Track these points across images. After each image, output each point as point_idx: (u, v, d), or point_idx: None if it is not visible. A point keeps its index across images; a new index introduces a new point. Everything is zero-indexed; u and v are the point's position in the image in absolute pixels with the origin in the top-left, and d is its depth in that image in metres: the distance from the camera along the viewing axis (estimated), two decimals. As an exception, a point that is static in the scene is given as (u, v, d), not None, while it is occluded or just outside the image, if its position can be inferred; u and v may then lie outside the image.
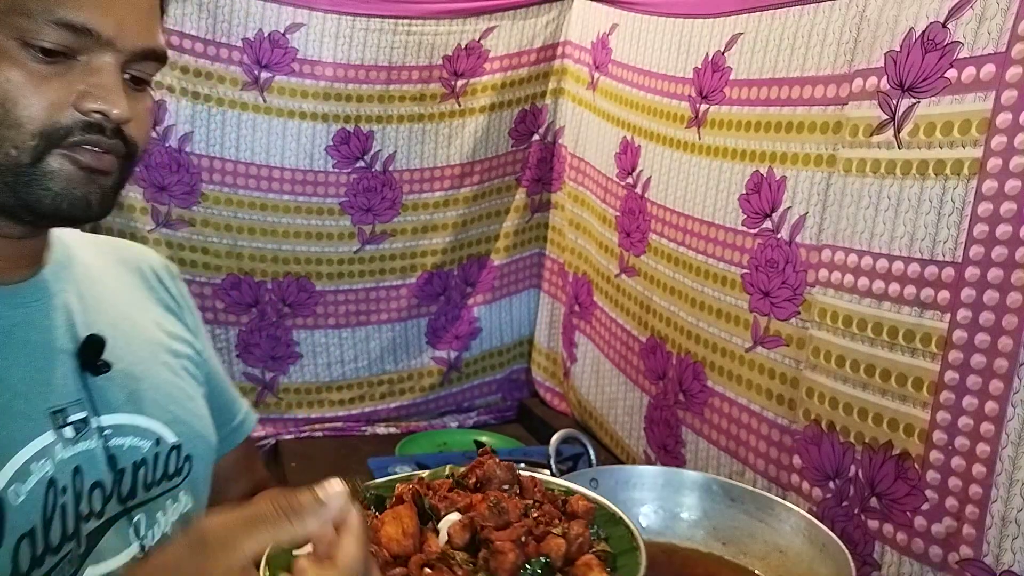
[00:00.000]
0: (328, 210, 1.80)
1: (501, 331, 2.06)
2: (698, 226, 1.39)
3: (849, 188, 1.07)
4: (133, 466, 0.75)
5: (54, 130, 0.65)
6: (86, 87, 0.66)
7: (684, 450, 1.43)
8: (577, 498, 0.73)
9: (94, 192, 0.68)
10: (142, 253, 0.92)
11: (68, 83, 0.65)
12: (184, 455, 0.81)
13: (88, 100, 0.65)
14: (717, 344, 1.34)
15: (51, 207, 0.66)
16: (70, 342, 0.73)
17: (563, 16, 1.88)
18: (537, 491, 0.74)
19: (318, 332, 1.87)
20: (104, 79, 0.66)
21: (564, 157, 1.93)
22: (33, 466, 0.67)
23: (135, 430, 0.76)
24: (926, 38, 0.96)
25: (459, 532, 0.66)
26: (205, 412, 0.87)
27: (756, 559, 0.98)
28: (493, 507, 0.67)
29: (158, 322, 0.86)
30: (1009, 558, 0.88)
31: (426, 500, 0.69)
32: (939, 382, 0.94)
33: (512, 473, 0.74)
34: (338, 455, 1.74)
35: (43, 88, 0.64)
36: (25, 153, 0.65)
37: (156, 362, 0.82)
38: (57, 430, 0.69)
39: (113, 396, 0.75)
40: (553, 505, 0.72)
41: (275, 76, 1.69)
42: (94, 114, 0.66)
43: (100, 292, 0.80)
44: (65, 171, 0.66)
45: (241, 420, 0.99)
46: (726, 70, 1.32)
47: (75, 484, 0.70)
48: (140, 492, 0.76)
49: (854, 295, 1.05)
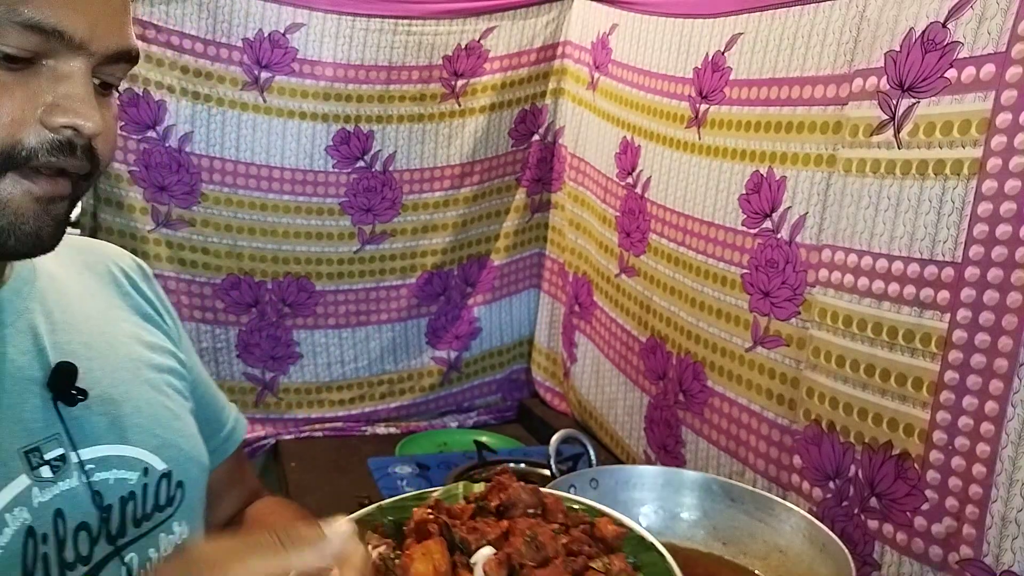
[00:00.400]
0: (328, 210, 1.80)
1: (501, 331, 2.06)
2: (698, 226, 1.39)
3: (849, 188, 1.07)
4: (120, 501, 0.69)
5: (15, 152, 0.56)
6: (54, 98, 0.57)
7: (684, 450, 1.43)
8: (605, 521, 0.68)
9: (46, 225, 0.60)
10: (109, 254, 0.83)
11: (33, 94, 0.57)
12: (175, 482, 0.74)
13: (57, 114, 0.57)
14: (717, 344, 1.34)
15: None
16: (39, 370, 0.66)
17: (563, 16, 1.88)
18: (560, 512, 0.69)
19: (318, 332, 1.87)
20: (74, 88, 0.58)
21: (564, 157, 1.93)
22: (7, 516, 0.60)
23: (120, 461, 0.69)
24: (926, 38, 0.96)
25: (495, 569, 0.61)
26: (194, 430, 0.80)
27: (756, 559, 0.98)
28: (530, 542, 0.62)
29: (135, 334, 0.78)
30: (1009, 558, 0.88)
31: (456, 533, 0.64)
32: (939, 382, 0.94)
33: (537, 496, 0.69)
34: (338, 455, 1.74)
35: (5, 101, 0.55)
36: None
37: (137, 381, 0.75)
38: (32, 471, 0.62)
39: (92, 427, 0.68)
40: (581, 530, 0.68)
41: (275, 76, 1.69)
42: (64, 130, 0.57)
43: (68, 307, 0.72)
44: (15, 200, 0.57)
45: (231, 428, 0.92)
46: (726, 70, 1.33)
47: (57, 530, 0.63)
48: (130, 529, 0.69)
49: (854, 295, 1.05)
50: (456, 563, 0.62)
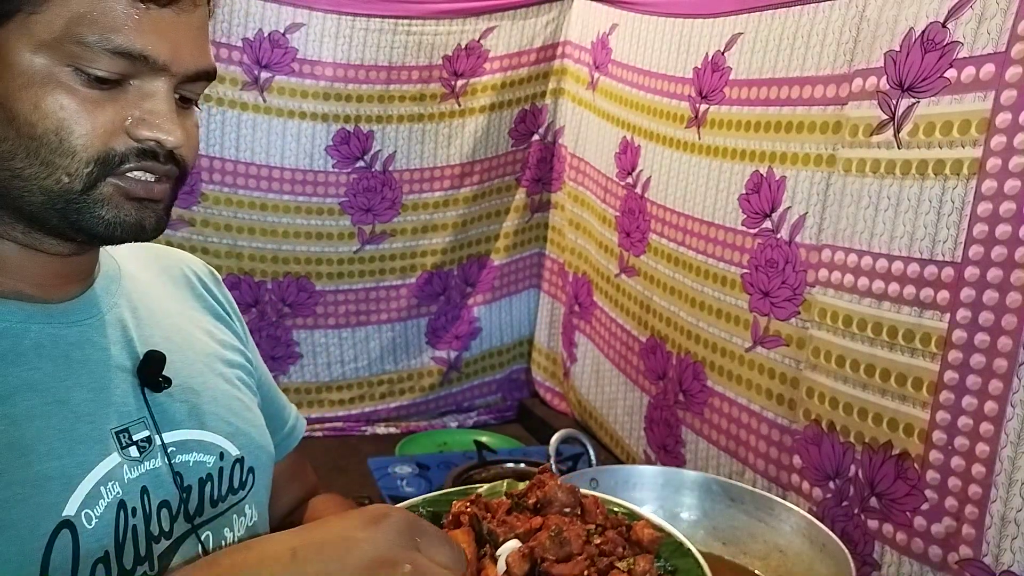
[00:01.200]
0: (328, 210, 1.80)
1: (501, 331, 2.06)
2: (698, 226, 1.39)
3: (849, 188, 1.07)
4: (199, 482, 0.74)
5: (108, 158, 0.63)
6: (140, 113, 0.64)
7: (684, 450, 1.43)
8: (642, 525, 0.69)
9: (148, 217, 0.67)
10: (183, 259, 0.90)
11: (121, 108, 0.64)
12: (247, 468, 0.80)
13: (143, 128, 0.64)
14: (717, 344, 1.34)
15: (105, 232, 0.65)
16: (128, 359, 0.72)
17: (563, 16, 1.88)
18: (600, 513, 0.70)
19: (318, 332, 1.87)
20: (157, 105, 0.65)
21: (564, 157, 1.93)
22: (103, 489, 0.66)
23: (198, 445, 0.75)
24: (926, 38, 0.96)
25: (518, 562, 0.62)
26: (262, 422, 0.85)
27: (756, 559, 0.98)
28: (555, 537, 0.63)
29: (209, 331, 0.84)
30: (1008, 558, 0.88)
31: (485, 524, 0.66)
32: (939, 382, 0.94)
33: (575, 496, 0.70)
34: (338, 455, 1.74)
35: (96, 115, 0.62)
36: (78, 180, 0.63)
37: (212, 374, 0.80)
38: (122, 451, 0.68)
39: (174, 412, 0.74)
40: (617, 531, 0.68)
41: (275, 76, 1.69)
42: (148, 142, 0.64)
43: (150, 304, 0.79)
44: (115, 200, 0.64)
45: (292, 426, 0.98)
46: (726, 70, 1.33)
47: (144, 505, 0.69)
48: (207, 509, 0.75)
49: (854, 295, 1.05)
50: (485, 554, 0.64)
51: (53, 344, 0.68)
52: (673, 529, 0.71)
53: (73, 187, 0.63)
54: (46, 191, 0.63)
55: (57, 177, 0.63)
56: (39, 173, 0.62)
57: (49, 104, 0.61)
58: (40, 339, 0.67)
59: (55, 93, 0.61)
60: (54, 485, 0.63)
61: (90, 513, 0.64)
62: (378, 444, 1.81)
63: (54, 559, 0.61)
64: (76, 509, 0.64)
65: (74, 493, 0.64)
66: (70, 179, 0.63)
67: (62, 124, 0.62)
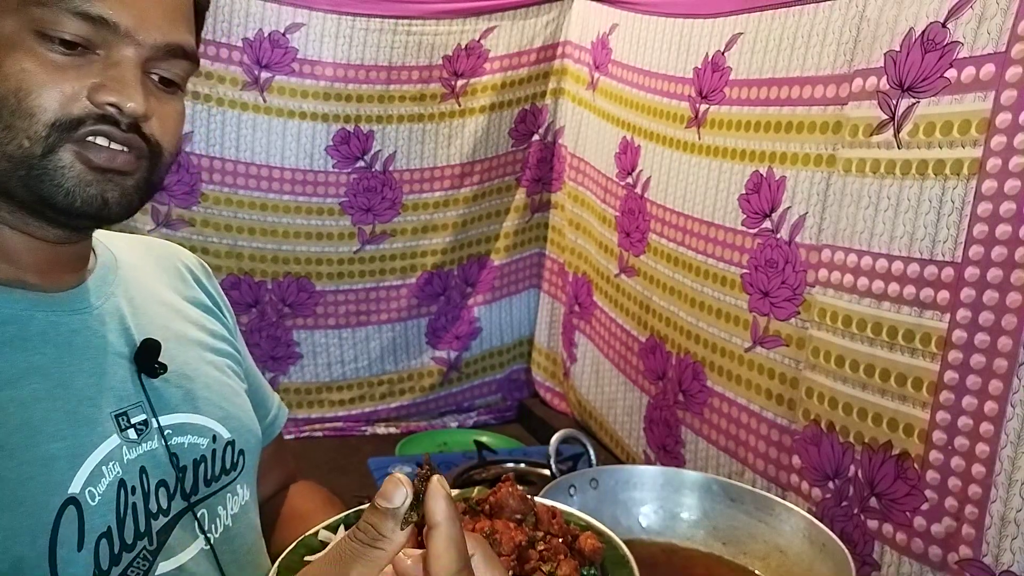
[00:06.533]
0: (328, 210, 1.80)
1: (501, 331, 2.06)
2: (698, 226, 1.39)
3: (849, 188, 1.07)
4: (194, 463, 0.77)
5: (66, 121, 0.64)
6: (102, 79, 0.65)
7: (684, 450, 1.43)
8: (587, 536, 0.71)
9: (111, 190, 0.67)
10: (176, 252, 0.92)
11: (84, 75, 0.64)
12: (238, 450, 0.83)
13: (102, 92, 0.64)
14: (717, 344, 1.34)
15: (64, 203, 0.65)
16: (125, 346, 0.75)
17: (563, 16, 1.88)
18: (556, 523, 0.72)
19: (318, 332, 1.87)
20: (121, 72, 0.65)
21: (564, 157, 1.93)
22: (104, 468, 0.68)
23: (193, 428, 0.78)
24: (926, 38, 0.96)
25: None
26: (250, 408, 0.89)
27: (756, 559, 0.98)
28: (486, 537, 0.65)
29: (199, 322, 0.87)
30: (1008, 558, 0.88)
31: None
32: (939, 382, 0.94)
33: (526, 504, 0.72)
34: (338, 455, 1.74)
35: (58, 78, 0.63)
36: (38, 144, 0.63)
37: (203, 361, 0.83)
38: (121, 433, 0.71)
39: (170, 397, 0.77)
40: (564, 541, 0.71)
41: (275, 76, 1.69)
42: (108, 107, 0.65)
43: (145, 294, 0.81)
44: (76, 169, 0.65)
45: (275, 415, 1.01)
46: (726, 70, 1.33)
47: (143, 484, 0.72)
48: (202, 488, 0.78)
49: (854, 295, 1.05)
50: None
51: (55, 331, 0.70)
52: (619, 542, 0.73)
53: (33, 151, 0.64)
54: (8, 157, 0.64)
55: (19, 142, 0.63)
56: (2, 138, 0.63)
57: (10, 66, 0.62)
58: (44, 326, 0.69)
59: (16, 55, 0.62)
60: (60, 464, 0.66)
61: (93, 491, 0.67)
62: (378, 444, 1.81)
63: (61, 534, 0.64)
64: (80, 487, 0.66)
65: (78, 472, 0.67)
66: (30, 143, 0.63)
67: (21, 85, 0.62)
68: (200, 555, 0.76)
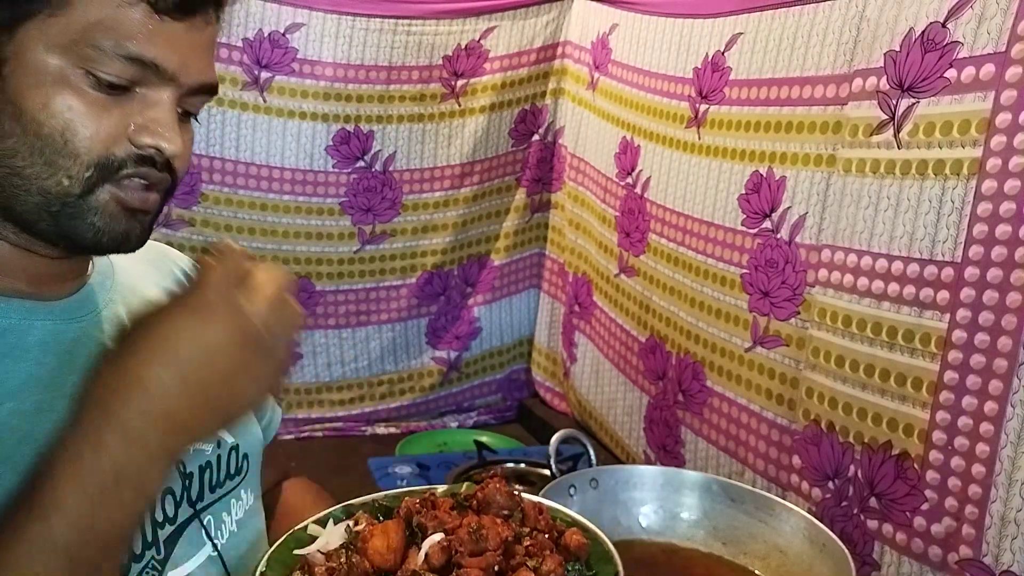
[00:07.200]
0: (328, 210, 1.80)
1: (501, 331, 2.06)
2: (698, 226, 1.39)
3: (849, 188, 1.07)
4: (199, 469, 0.77)
5: (108, 162, 0.65)
6: (143, 120, 0.66)
7: (684, 450, 1.43)
8: (572, 532, 0.73)
9: (135, 228, 0.68)
10: (170, 255, 0.92)
11: (125, 115, 0.65)
12: (242, 454, 0.83)
13: (144, 135, 0.66)
14: (716, 344, 1.34)
15: (92, 241, 0.66)
16: None
17: (563, 16, 1.88)
18: (543, 519, 0.74)
19: (318, 332, 1.87)
20: (161, 114, 0.66)
21: (564, 157, 1.93)
22: None
23: None
24: (926, 38, 0.96)
25: (437, 553, 0.67)
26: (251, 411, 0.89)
27: (756, 559, 0.98)
28: (473, 532, 0.68)
29: None
30: (1008, 558, 0.88)
31: (415, 518, 0.71)
32: (939, 382, 0.94)
33: (513, 500, 0.74)
34: (338, 455, 1.74)
35: (102, 119, 0.64)
36: (77, 184, 0.64)
37: None
38: None
39: None
40: (549, 537, 0.72)
41: (275, 76, 1.69)
42: (148, 148, 0.66)
43: (143, 299, 0.80)
44: (110, 208, 0.66)
45: (270, 417, 1.02)
46: (726, 70, 1.33)
47: None
48: (207, 494, 0.78)
49: (853, 295, 1.05)
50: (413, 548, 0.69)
51: (55, 340, 0.69)
52: (604, 538, 0.74)
53: (72, 190, 0.64)
54: (44, 192, 0.64)
55: (58, 179, 0.64)
56: (40, 173, 0.63)
57: (58, 104, 0.63)
58: (43, 336, 0.68)
59: (64, 94, 0.63)
60: None
61: None
62: (378, 444, 1.81)
63: None
64: None
65: None
66: (70, 182, 0.64)
67: (68, 125, 0.63)
68: (207, 562, 0.76)
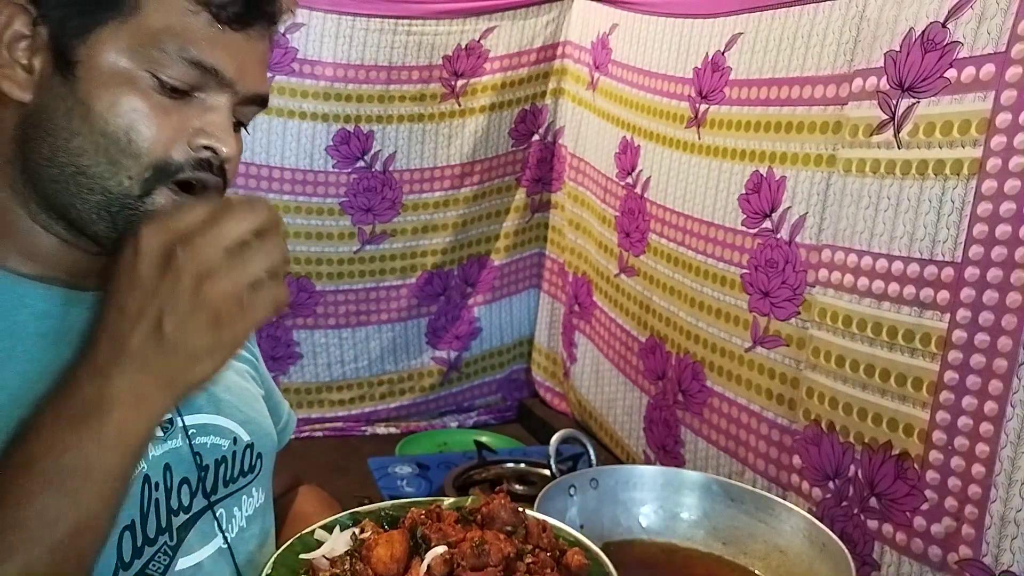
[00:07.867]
0: (328, 210, 1.80)
1: (501, 331, 2.06)
2: (698, 226, 1.39)
3: (849, 188, 1.07)
4: (215, 463, 0.79)
5: (167, 164, 0.68)
6: (201, 124, 0.69)
7: (683, 450, 1.43)
8: (573, 552, 0.73)
9: None
10: None
11: (185, 119, 0.68)
12: (256, 453, 0.85)
13: (202, 137, 0.68)
14: (716, 344, 1.34)
15: None
16: None
17: (563, 16, 1.88)
18: (546, 537, 0.75)
19: (318, 332, 1.87)
20: (218, 118, 0.69)
21: (564, 157, 1.93)
22: None
23: (215, 429, 0.80)
24: (926, 38, 0.96)
25: (439, 566, 0.68)
26: (267, 413, 0.91)
27: (756, 559, 0.98)
28: (475, 547, 0.69)
29: None
30: (1008, 558, 0.88)
31: (419, 529, 0.72)
32: (939, 382, 0.94)
33: (517, 516, 0.76)
34: (338, 455, 1.73)
35: (163, 121, 0.67)
36: (137, 184, 0.67)
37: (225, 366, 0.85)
38: None
39: (195, 397, 0.78)
40: (551, 555, 0.73)
41: (275, 76, 1.69)
42: (204, 150, 0.69)
43: None
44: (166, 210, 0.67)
45: (286, 422, 1.04)
46: (726, 70, 1.33)
47: (166, 480, 0.74)
48: (221, 488, 0.80)
49: (854, 295, 1.05)
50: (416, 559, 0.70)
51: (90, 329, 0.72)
52: (606, 559, 0.74)
53: (132, 191, 0.67)
54: (107, 191, 0.67)
55: (119, 179, 0.67)
56: (104, 172, 0.67)
57: (124, 104, 0.66)
58: (79, 324, 0.71)
59: (131, 95, 0.66)
60: None
61: None
62: (378, 444, 1.81)
63: None
64: None
65: None
66: (130, 182, 0.67)
67: (132, 124, 0.66)
68: (217, 553, 0.78)
